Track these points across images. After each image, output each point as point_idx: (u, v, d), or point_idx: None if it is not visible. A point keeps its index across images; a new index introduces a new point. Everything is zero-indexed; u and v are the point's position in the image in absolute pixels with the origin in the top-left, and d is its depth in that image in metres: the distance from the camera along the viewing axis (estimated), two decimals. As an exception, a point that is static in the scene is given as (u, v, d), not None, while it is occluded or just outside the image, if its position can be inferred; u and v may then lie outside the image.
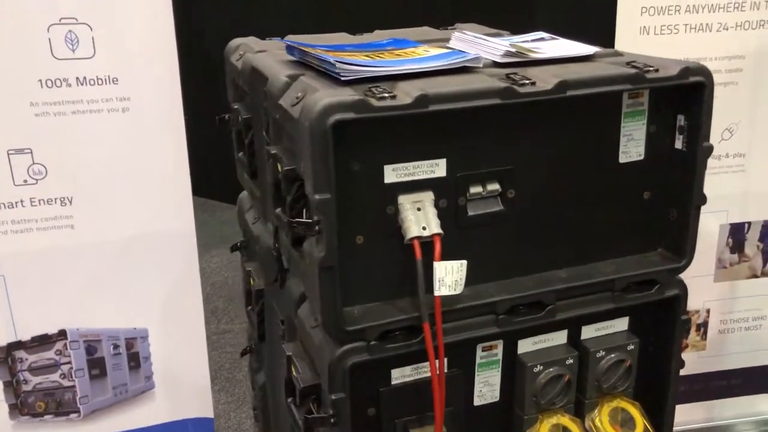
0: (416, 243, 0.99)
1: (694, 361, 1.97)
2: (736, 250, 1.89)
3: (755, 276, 1.91)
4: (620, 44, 1.65)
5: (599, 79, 1.04)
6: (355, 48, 1.21)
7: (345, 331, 1.01)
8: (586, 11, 1.91)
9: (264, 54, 1.34)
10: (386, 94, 0.94)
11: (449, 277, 1.00)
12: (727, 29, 1.67)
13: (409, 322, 1.03)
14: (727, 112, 1.70)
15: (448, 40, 1.32)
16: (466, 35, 1.25)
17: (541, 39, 1.25)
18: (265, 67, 1.24)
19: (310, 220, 0.96)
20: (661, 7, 1.64)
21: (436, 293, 1.00)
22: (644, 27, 1.65)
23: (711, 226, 1.84)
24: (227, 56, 1.51)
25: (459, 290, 1.01)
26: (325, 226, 0.95)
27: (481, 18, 1.70)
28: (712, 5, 1.65)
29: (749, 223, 1.86)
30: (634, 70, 1.06)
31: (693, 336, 1.95)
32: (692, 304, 1.89)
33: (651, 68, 1.07)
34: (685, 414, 2.01)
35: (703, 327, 1.94)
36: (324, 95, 0.93)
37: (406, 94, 0.96)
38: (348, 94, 0.93)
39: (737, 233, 1.87)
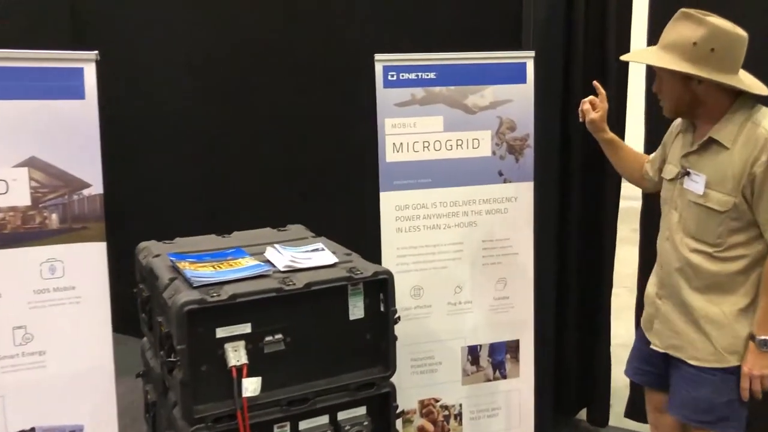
0: (234, 369, 1.92)
1: (456, 441, 2.92)
2: (475, 363, 2.89)
3: (489, 380, 2.92)
4: (385, 238, 2.69)
5: (330, 280, 2.04)
6: (211, 257, 2.17)
7: (194, 418, 1.90)
8: (362, 220, 2.99)
9: (158, 258, 2.29)
10: (215, 294, 1.90)
11: (251, 386, 1.92)
12: (450, 227, 2.75)
13: (230, 411, 1.93)
14: (452, 278, 2.75)
15: (273, 243, 2.31)
16: (275, 249, 2.24)
17: (315, 250, 2.26)
18: (157, 268, 2.18)
19: (175, 359, 1.88)
20: (408, 216, 2.71)
21: (244, 395, 1.91)
22: (398, 228, 2.71)
23: (455, 348, 2.85)
24: (137, 254, 2.44)
25: (257, 393, 1.93)
26: (183, 361, 1.86)
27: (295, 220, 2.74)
28: (439, 214, 2.74)
29: (480, 345, 2.89)
30: (350, 274, 2.06)
31: (453, 423, 2.90)
32: (449, 400, 2.88)
33: (360, 272, 2.08)
34: (455, 479, 2.93)
35: (459, 416, 2.90)
36: (183, 296, 1.88)
37: (226, 293, 1.91)
38: (196, 295, 1.88)
39: (473, 352, 2.88)
